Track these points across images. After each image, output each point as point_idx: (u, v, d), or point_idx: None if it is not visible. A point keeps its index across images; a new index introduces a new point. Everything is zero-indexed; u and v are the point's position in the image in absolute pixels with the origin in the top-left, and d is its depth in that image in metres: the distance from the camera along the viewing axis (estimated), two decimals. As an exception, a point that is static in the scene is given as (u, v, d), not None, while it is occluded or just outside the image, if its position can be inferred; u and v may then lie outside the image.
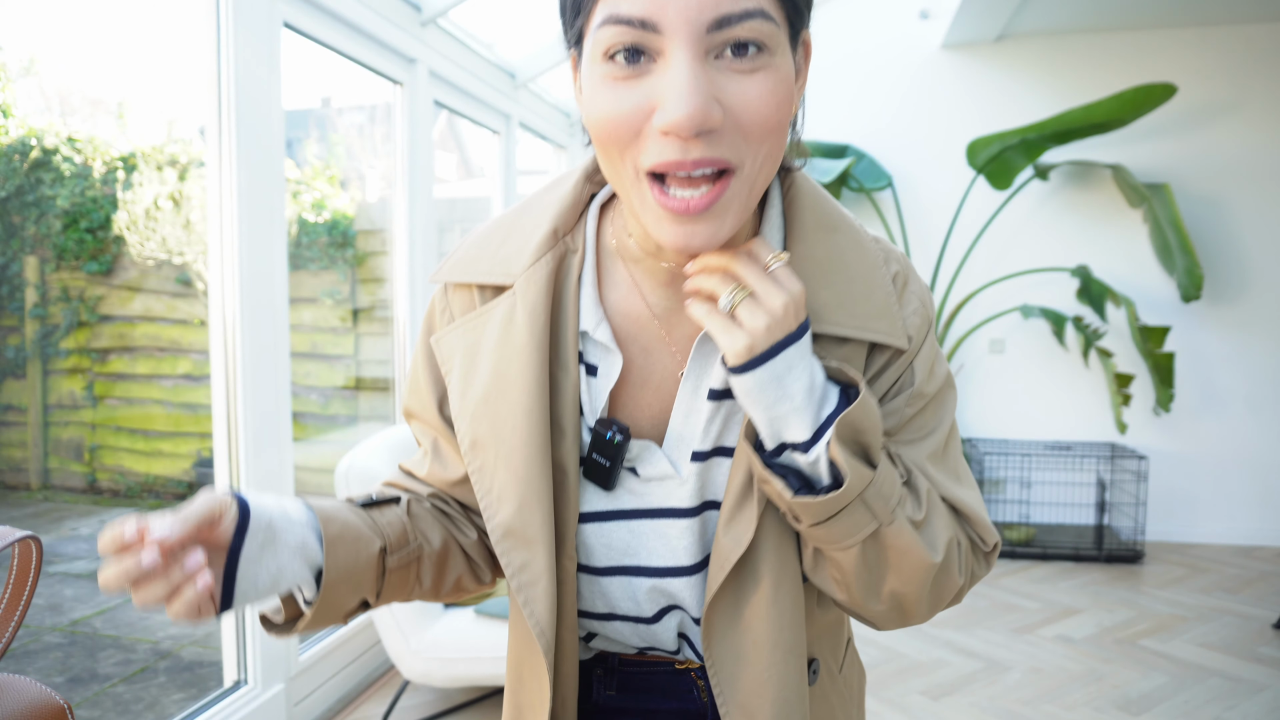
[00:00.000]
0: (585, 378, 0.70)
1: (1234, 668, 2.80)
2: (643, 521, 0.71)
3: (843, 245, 0.69)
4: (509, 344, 0.68)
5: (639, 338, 0.70)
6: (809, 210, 0.70)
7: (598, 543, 0.71)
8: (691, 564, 0.71)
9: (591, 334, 0.69)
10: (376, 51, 2.70)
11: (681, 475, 0.69)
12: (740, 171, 0.58)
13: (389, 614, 2.18)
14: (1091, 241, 4.25)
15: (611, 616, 0.74)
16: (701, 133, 0.55)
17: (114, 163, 4.31)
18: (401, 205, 2.97)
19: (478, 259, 0.73)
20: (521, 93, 3.85)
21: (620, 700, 0.79)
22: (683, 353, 0.70)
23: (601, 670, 0.79)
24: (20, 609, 0.63)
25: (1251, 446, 4.19)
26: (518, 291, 0.69)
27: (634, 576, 0.72)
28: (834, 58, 4.41)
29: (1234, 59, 4.08)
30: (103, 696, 2.60)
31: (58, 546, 3.90)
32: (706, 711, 0.78)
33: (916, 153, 4.38)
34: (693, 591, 0.71)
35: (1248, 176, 4.11)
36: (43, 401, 4.49)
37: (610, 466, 0.69)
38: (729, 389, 0.68)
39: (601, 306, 0.70)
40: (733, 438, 0.69)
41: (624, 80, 0.57)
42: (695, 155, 0.56)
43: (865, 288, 0.68)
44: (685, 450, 0.69)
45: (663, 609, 0.73)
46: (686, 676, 0.77)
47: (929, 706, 2.54)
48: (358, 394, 4.59)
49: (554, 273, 0.70)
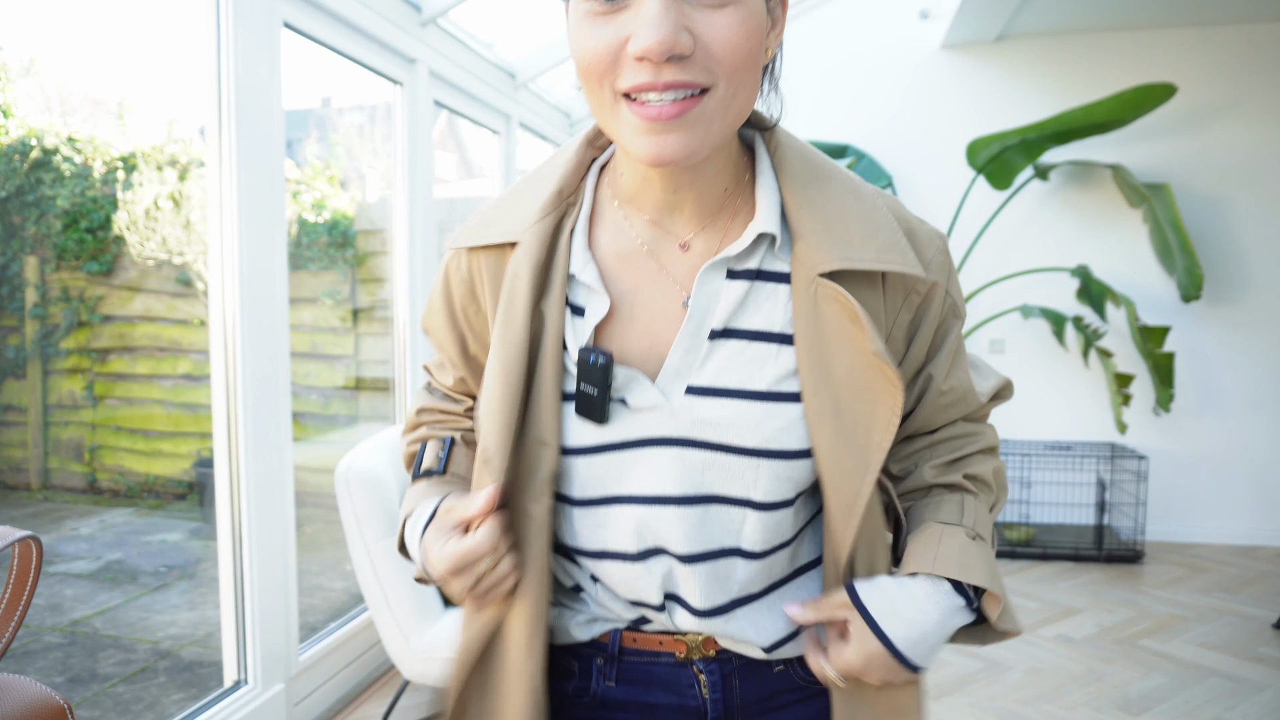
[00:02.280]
0: (571, 318, 0.73)
1: (1234, 668, 2.80)
2: (631, 451, 0.72)
3: (839, 191, 0.72)
4: (512, 295, 0.73)
5: (630, 276, 0.73)
6: (798, 163, 0.73)
7: (588, 474, 0.73)
8: (679, 495, 0.71)
9: (578, 276, 0.73)
10: (376, 51, 2.70)
11: (673, 406, 0.71)
12: (713, 91, 0.62)
13: (389, 614, 2.18)
14: (1091, 241, 4.25)
15: (603, 555, 0.75)
16: (672, 58, 0.60)
17: (114, 163, 4.31)
18: (401, 205, 2.97)
19: (492, 223, 0.77)
20: (521, 93, 3.85)
21: (620, 692, 0.78)
22: (679, 286, 0.73)
23: (602, 660, 0.79)
24: (20, 609, 0.63)
25: (1251, 446, 4.19)
26: (522, 245, 0.73)
27: (621, 505, 0.73)
28: (834, 58, 4.41)
29: (1234, 59, 4.08)
30: (103, 696, 2.60)
31: (58, 546, 3.90)
32: (706, 709, 0.77)
33: (916, 153, 4.38)
34: (679, 526, 0.72)
35: (1248, 176, 4.11)
36: (43, 401, 4.49)
37: (598, 395, 0.70)
38: (729, 329, 0.71)
39: (590, 251, 0.74)
40: (731, 378, 0.71)
41: (602, 15, 0.62)
42: (667, 78, 0.61)
43: (870, 226, 0.71)
44: (680, 384, 0.71)
45: (648, 549, 0.73)
46: (688, 671, 0.77)
47: (929, 706, 2.54)
48: (358, 394, 4.59)
49: (554, 227, 0.74)
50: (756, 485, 0.71)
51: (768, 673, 0.79)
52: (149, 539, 4.09)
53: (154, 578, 3.63)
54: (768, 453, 0.70)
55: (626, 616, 0.77)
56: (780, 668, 0.79)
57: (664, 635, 0.77)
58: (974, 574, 0.71)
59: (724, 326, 0.71)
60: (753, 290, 0.72)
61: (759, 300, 0.72)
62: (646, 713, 0.78)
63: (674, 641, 0.77)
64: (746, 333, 0.71)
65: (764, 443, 0.70)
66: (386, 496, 2.20)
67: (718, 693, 0.77)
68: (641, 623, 0.78)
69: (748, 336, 0.71)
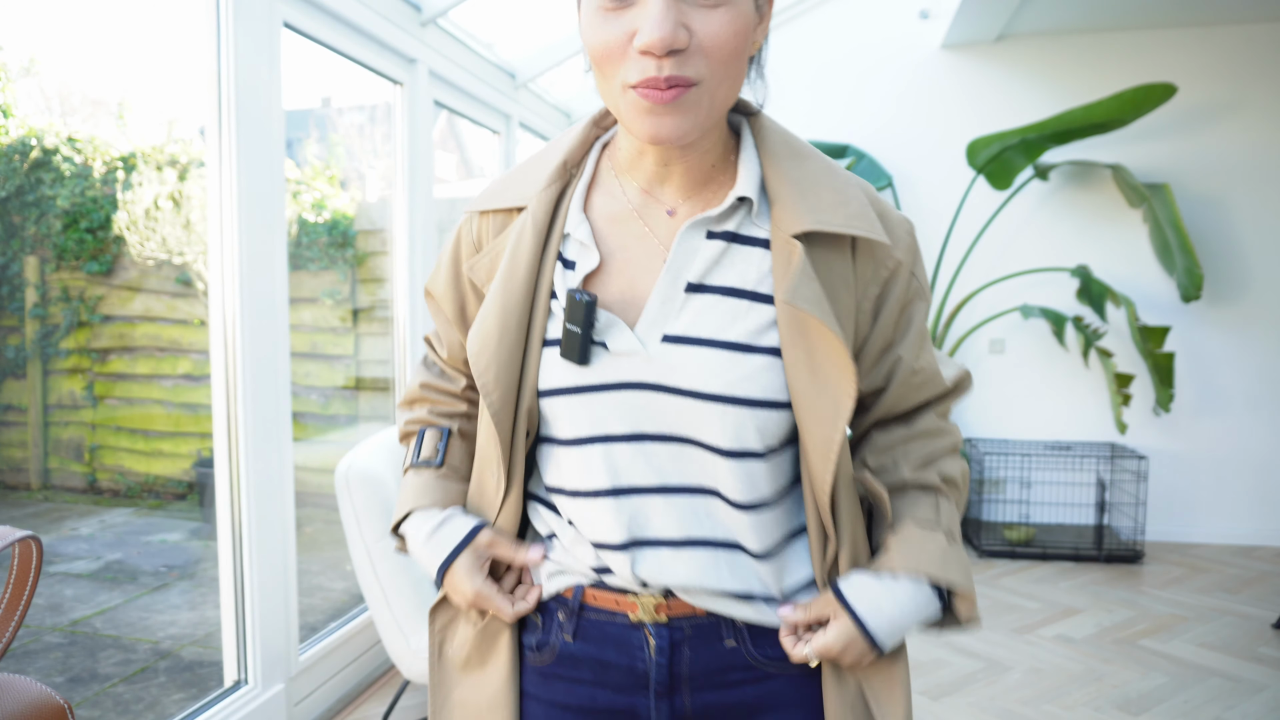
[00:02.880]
0: (562, 271, 0.81)
1: (1234, 668, 2.80)
2: (609, 394, 0.78)
3: (815, 168, 0.80)
4: (516, 255, 0.81)
5: (619, 235, 0.81)
6: (779, 144, 0.81)
7: (569, 415, 0.79)
8: (653, 433, 0.78)
9: (572, 234, 0.81)
10: (376, 51, 2.70)
11: (649, 352, 0.77)
12: (702, 86, 0.71)
13: (389, 614, 2.18)
14: (1091, 241, 4.25)
15: (577, 493, 0.80)
16: (671, 52, 0.68)
17: (114, 163, 4.31)
18: (401, 205, 2.97)
19: (504, 191, 0.86)
20: (521, 93, 3.85)
21: (576, 648, 0.83)
22: (663, 247, 0.80)
23: (564, 614, 0.84)
24: (20, 609, 0.63)
25: (1251, 446, 4.19)
26: (529, 209, 0.82)
27: (598, 444, 0.79)
28: (834, 58, 4.42)
29: (1234, 59, 4.08)
30: (103, 696, 2.60)
31: (58, 546, 3.90)
32: (651, 672, 0.81)
33: (916, 153, 4.38)
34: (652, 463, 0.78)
35: (1248, 176, 4.11)
36: (43, 401, 4.49)
37: (581, 334, 0.76)
38: (704, 284, 0.78)
39: (585, 213, 0.83)
40: (704, 329, 0.77)
41: (613, 12, 0.70)
42: (667, 73, 0.69)
43: (842, 197, 0.78)
44: (657, 332, 0.77)
45: (620, 487, 0.78)
46: (639, 633, 0.81)
47: (929, 706, 2.54)
48: (358, 394, 4.59)
49: (559, 194, 0.83)
50: (723, 432, 0.76)
51: (719, 647, 0.81)
52: (149, 539, 4.09)
53: (154, 578, 3.63)
54: (731, 399, 0.75)
55: (591, 570, 0.82)
56: (732, 643, 0.81)
57: (620, 595, 0.81)
58: (952, 576, 0.79)
59: (700, 281, 0.78)
60: (728, 250, 0.79)
61: (734, 260, 0.78)
62: (599, 670, 0.82)
63: (629, 603, 0.81)
64: (720, 288, 0.78)
65: (727, 388, 0.75)
66: (386, 496, 2.19)
67: (664, 658, 0.80)
68: (604, 573, 0.81)
69: (721, 292, 0.78)
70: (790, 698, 0.82)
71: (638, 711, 0.82)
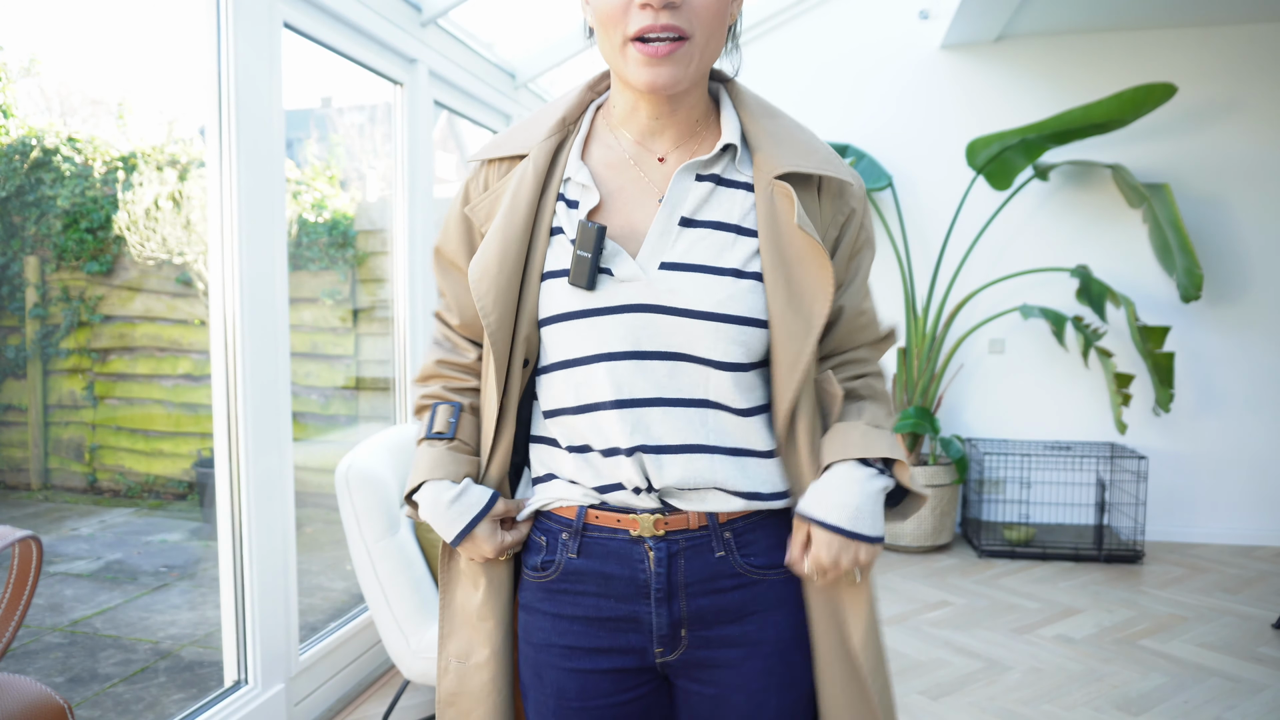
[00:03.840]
0: (566, 210, 0.92)
1: (1234, 668, 2.80)
2: (612, 316, 0.88)
3: (786, 124, 0.94)
4: (517, 194, 0.91)
5: (616, 179, 0.93)
6: (753, 104, 0.95)
7: (574, 338, 0.89)
8: (652, 350, 0.88)
9: (574, 177, 0.92)
10: (376, 51, 2.70)
11: (649, 277, 0.88)
12: (692, 39, 0.84)
13: (389, 614, 2.18)
14: (1091, 241, 4.25)
15: (582, 409, 0.90)
16: (666, 5, 0.81)
17: (114, 163, 4.31)
18: (401, 205, 2.97)
19: (506, 141, 0.97)
20: (521, 93, 3.85)
21: (580, 563, 0.93)
22: (656, 189, 0.92)
23: (567, 534, 0.93)
24: (20, 609, 0.63)
25: (1251, 446, 4.19)
26: (530, 157, 0.93)
27: (603, 362, 0.88)
28: (833, 57, 4.42)
29: (1234, 59, 4.08)
30: (103, 696, 2.60)
31: (58, 546, 3.90)
32: (651, 582, 0.91)
33: (916, 153, 4.38)
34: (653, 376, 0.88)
35: (1248, 176, 4.11)
36: (43, 401, 4.49)
37: (591, 257, 0.86)
38: (695, 219, 0.90)
39: (584, 160, 0.94)
40: (696, 257, 0.88)
41: None
42: (663, 21, 0.81)
43: (811, 147, 0.92)
44: (655, 260, 0.88)
45: (623, 399, 0.88)
46: (640, 547, 0.91)
47: (929, 706, 2.54)
48: (358, 394, 4.60)
49: (557, 145, 0.94)
50: (715, 346, 0.87)
51: (709, 557, 0.91)
52: (149, 539, 4.09)
53: (154, 578, 3.63)
54: (721, 316, 0.87)
55: (591, 485, 0.92)
56: (721, 554, 0.92)
57: (621, 514, 0.91)
58: (875, 448, 0.89)
59: (692, 216, 0.90)
60: (715, 191, 0.91)
61: (719, 199, 0.91)
62: (602, 582, 0.92)
63: (630, 520, 0.91)
64: (709, 223, 0.90)
65: (716, 306, 0.87)
66: (386, 496, 2.20)
67: (662, 568, 0.90)
68: (608, 491, 0.91)
69: (710, 226, 0.90)
70: (772, 600, 0.93)
71: (639, 617, 0.91)
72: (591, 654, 0.93)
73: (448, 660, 0.99)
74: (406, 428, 2.59)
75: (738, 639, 0.92)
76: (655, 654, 0.92)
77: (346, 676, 2.58)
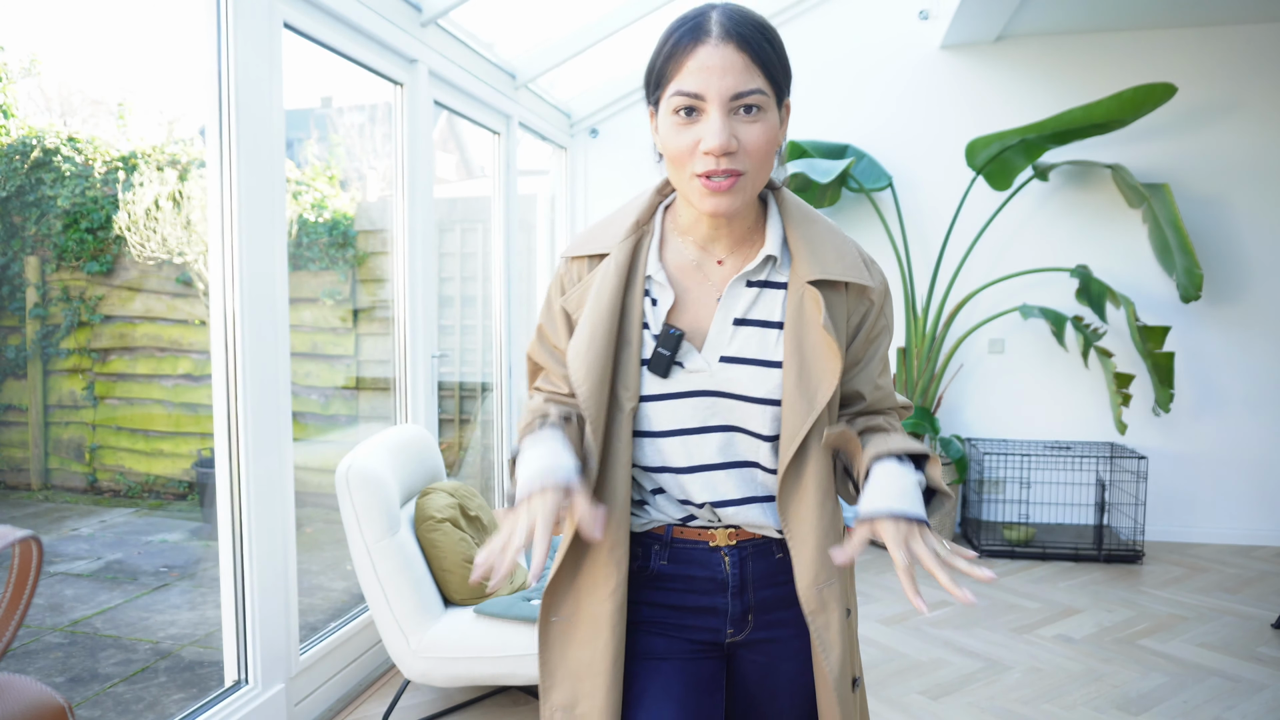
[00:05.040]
0: (650, 307, 1.10)
1: (1233, 668, 2.80)
2: (684, 400, 1.08)
3: (821, 229, 1.12)
4: (603, 288, 1.10)
5: (684, 281, 1.12)
6: (795, 211, 1.13)
7: (657, 415, 1.09)
8: (715, 425, 1.08)
9: (654, 276, 1.11)
10: (376, 52, 2.70)
11: (712, 369, 1.08)
12: (746, 175, 1.01)
13: (389, 614, 2.18)
14: (1091, 241, 4.25)
15: (663, 470, 1.11)
16: (726, 153, 0.98)
17: (114, 163, 4.31)
18: (401, 205, 2.97)
19: (590, 242, 1.15)
20: (521, 93, 3.85)
21: (669, 568, 1.15)
22: (716, 290, 1.10)
23: (659, 546, 1.15)
24: (20, 609, 0.63)
25: (1251, 446, 4.19)
26: (611, 256, 1.11)
27: (678, 436, 1.09)
28: (833, 58, 4.42)
29: (1234, 59, 4.08)
30: (103, 696, 2.60)
31: (58, 546, 3.90)
32: (729, 581, 1.14)
33: (916, 153, 4.38)
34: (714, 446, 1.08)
35: (1248, 176, 4.11)
36: (43, 401, 4.50)
37: (670, 356, 1.07)
38: (746, 319, 1.08)
39: (661, 262, 1.12)
40: (748, 351, 1.07)
41: (684, 125, 1.00)
42: (724, 166, 0.99)
43: (841, 253, 1.10)
44: (716, 354, 1.08)
45: (694, 465, 1.09)
46: (717, 554, 1.14)
47: (929, 706, 2.54)
48: (358, 394, 4.60)
49: (635, 244, 1.12)
50: (763, 423, 1.08)
51: (771, 558, 1.15)
52: (149, 539, 4.09)
53: (154, 578, 3.63)
54: (769, 400, 1.07)
55: (677, 517, 1.14)
56: (780, 556, 1.14)
57: (701, 529, 1.14)
58: (909, 446, 1.05)
59: (743, 317, 1.09)
60: (761, 295, 1.09)
61: (764, 300, 1.09)
62: (687, 581, 1.15)
63: (708, 533, 1.14)
64: (757, 321, 1.09)
65: (767, 394, 1.07)
66: (386, 496, 2.20)
67: (736, 568, 1.14)
68: (688, 520, 1.14)
69: (757, 324, 1.09)
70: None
71: (717, 606, 1.15)
72: (678, 628, 1.16)
73: (552, 710, 1.13)
74: (407, 428, 2.59)
75: (789, 620, 1.15)
76: (727, 634, 1.15)
77: (346, 676, 2.58)
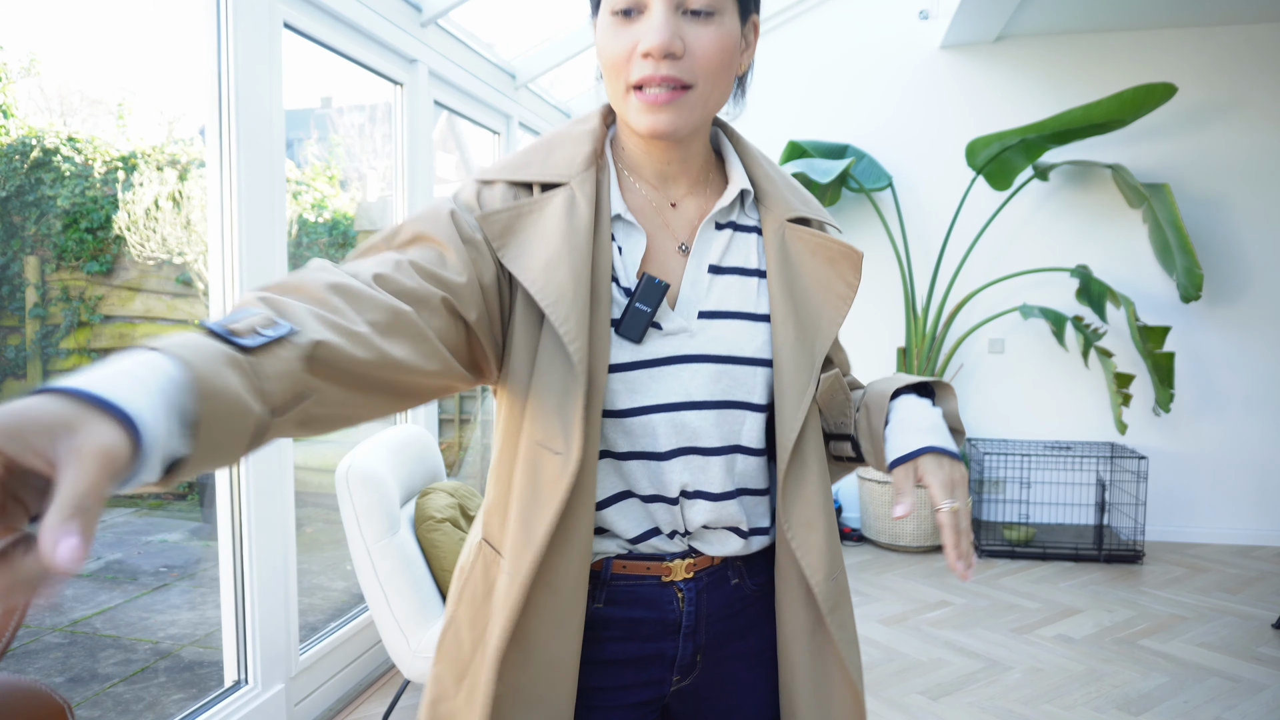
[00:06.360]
0: (617, 256, 0.88)
1: (1234, 668, 2.80)
2: (662, 368, 0.87)
3: (779, 172, 0.98)
4: (574, 223, 0.84)
5: (645, 225, 0.92)
6: (752, 148, 0.99)
7: (624, 389, 0.86)
8: (704, 400, 0.88)
9: (623, 216, 0.89)
10: (376, 52, 2.70)
11: (693, 329, 0.88)
12: (694, 89, 0.84)
13: (389, 614, 2.18)
14: (1091, 241, 4.25)
15: (630, 455, 0.87)
16: (667, 55, 0.81)
17: (114, 163, 4.31)
18: (401, 205, 2.97)
19: (525, 166, 0.89)
20: (521, 93, 3.85)
21: (607, 611, 0.90)
22: (680, 236, 0.92)
23: (593, 585, 0.90)
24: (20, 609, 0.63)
25: (1251, 446, 4.19)
26: (575, 187, 0.86)
27: (658, 413, 0.87)
28: (833, 58, 4.42)
29: (1234, 59, 4.08)
30: (103, 696, 2.60)
31: (58, 546, 3.89)
32: (681, 620, 0.92)
33: (916, 153, 4.38)
34: (704, 425, 0.87)
35: (1248, 176, 4.11)
36: (43, 401, 4.48)
37: (651, 313, 0.85)
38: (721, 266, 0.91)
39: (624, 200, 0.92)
40: (730, 303, 0.90)
41: (622, 25, 0.83)
42: (663, 72, 0.81)
43: (805, 196, 0.98)
44: (693, 310, 0.89)
45: (676, 449, 0.87)
46: (669, 590, 0.91)
47: (929, 706, 2.54)
48: (358, 394, 4.59)
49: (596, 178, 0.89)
50: (754, 390, 0.89)
51: (727, 586, 0.94)
52: (149, 539, 4.09)
53: (154, 578, 3.63)
54: (762, 361, 0.90)
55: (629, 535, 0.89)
56: (736, 581, 0.95)
57: (651, 561, 0.90)
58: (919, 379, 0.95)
59: (718, 264, 0.91)
60: (733, 237, 0.93)
61: (737, 245, 0.93)
62: (630, 627, 0.91)
63: (660, 566, 0.90)
64: (733, 269, 0.92)
65: (755, 352, 0.89)
66: (387, 496, 2.20)
67: (692, 605, 0.92)
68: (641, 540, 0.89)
69: (734, 271, 0.92)
70: (763, 611, 0.97)
71: (664, 652, 0.92)
72: (616, 691, 0.92)
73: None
74: (407, 427, 2.59)
75: (743, 652, 0.96)
76: (672, 683, 0.94)
77: (346, 676, 2.58)
